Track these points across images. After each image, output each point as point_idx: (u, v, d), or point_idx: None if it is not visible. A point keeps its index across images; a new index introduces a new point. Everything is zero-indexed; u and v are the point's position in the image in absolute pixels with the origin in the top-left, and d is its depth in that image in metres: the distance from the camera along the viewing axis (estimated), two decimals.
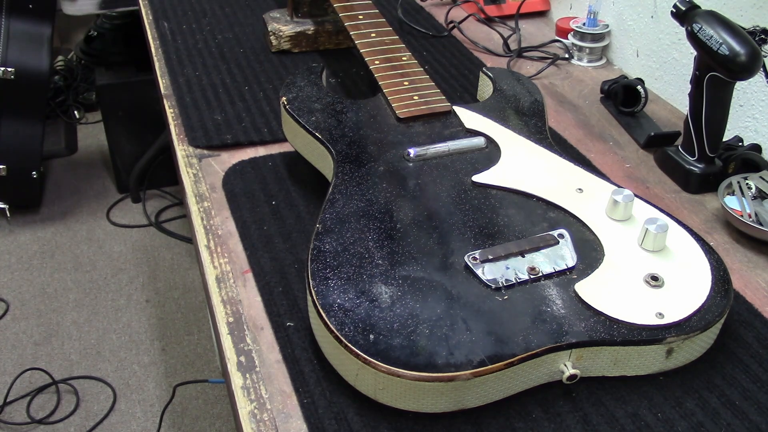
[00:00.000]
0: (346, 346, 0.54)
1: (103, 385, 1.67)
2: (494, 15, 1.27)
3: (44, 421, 1.59)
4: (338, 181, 0.70)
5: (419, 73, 0.85)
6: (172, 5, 1.27)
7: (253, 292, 0.69)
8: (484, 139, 0.77)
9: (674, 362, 0.60)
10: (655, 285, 0.61)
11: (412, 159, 0.74)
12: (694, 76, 0.81)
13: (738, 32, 0.75)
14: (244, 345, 0.63)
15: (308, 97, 0.82)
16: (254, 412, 0.57)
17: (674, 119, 0.99)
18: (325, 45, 1.13)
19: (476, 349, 0.54)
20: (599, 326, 0.57)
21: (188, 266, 2.02)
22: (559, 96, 1.04)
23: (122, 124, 2.15)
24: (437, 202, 0.68)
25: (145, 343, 1.78)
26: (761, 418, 0.57)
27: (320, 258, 0.61)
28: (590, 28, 1.11)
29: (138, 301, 1.91)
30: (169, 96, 1.00)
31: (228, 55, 1.10)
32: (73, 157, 2.45)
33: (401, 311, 0.57)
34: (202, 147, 0.89)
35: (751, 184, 0.79)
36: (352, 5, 0.98)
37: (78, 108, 2.53)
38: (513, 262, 0.62)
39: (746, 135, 0.91)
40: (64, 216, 2.19)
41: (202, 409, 1.63)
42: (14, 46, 1.92)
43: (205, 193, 0.82)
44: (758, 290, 0.70)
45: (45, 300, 1.90)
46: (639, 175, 0.88)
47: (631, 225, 0.67)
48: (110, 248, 2.08)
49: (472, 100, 0.99)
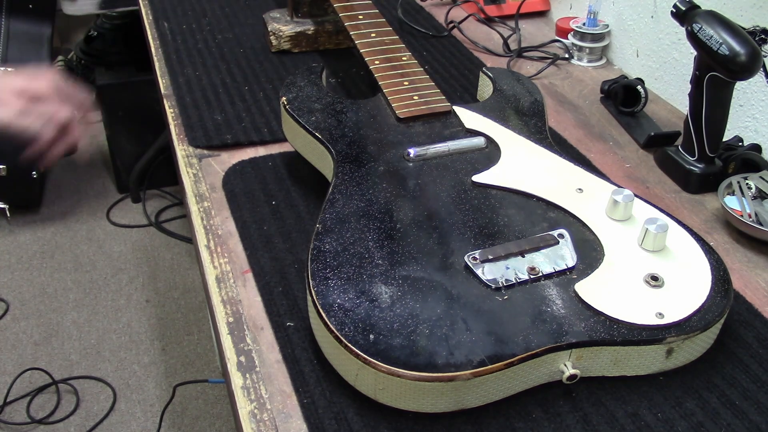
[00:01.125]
0: (346, 346, 0.54)
1: (103, 385, 1.67)
2: (494, 15, 1.27)
3: (44, 421, 1.59)
4: (338, 181, 0.70)
5: (419, 73, 0.85)
6: (172, 5, 1.27)
7: (253, 292, 0.69)
8: (484, 139, 0.77)
9: (674, 362, 0.60)
10: (655, 285, 0.61)
11: (412, 159, 0.74)
12: (694, 76, 0.81)
13: (738, 32, 0.75)
14: (244, 345, 0.63)
15: (308, 97, 0.82)
16: (254, 412, 0.57)
17: (674, 119, 0.99)
18: (325, 45, 1.13)
19: (476, 349, 0.54)
20: (599, 326, 0.57)
21: (188, 266, 2.02)
22: (559, 96, 1.04)
23: (122, 124, 2.15)
24: (437, 202, 0.68)
25: (145, 343, 1.78)
26: (761, 418, 0.57)
27: (320, 258, 0.61)
28: (590, 28, 1.11)
29: (138, 301, 1.91)
30: (169, 96, 1.00)
31: (228, 55, 1.10)
32: (73, 157, 2.45)
33: (401, 311, 0.57)
34: (202, 147, 0.89)
35: (751, 184, 0.79)
36: (352, 5, 0.98)
37: None
38: (513, 262, 0.62)
39: (746, 135, 0.91)
40: (64, 216, 2.19)
41: (202, 409, 1.63)
42: (14, 46, 1.92)
43: (205, 193, 0.82)
44: (758, 290, 0.70)
45: (45, 300, 1.90)
46: (639, 175, 0.88)
47: (631, 225, 0.67)
48: (110, 248, 2.08)
49: (472, 100, 0.99)
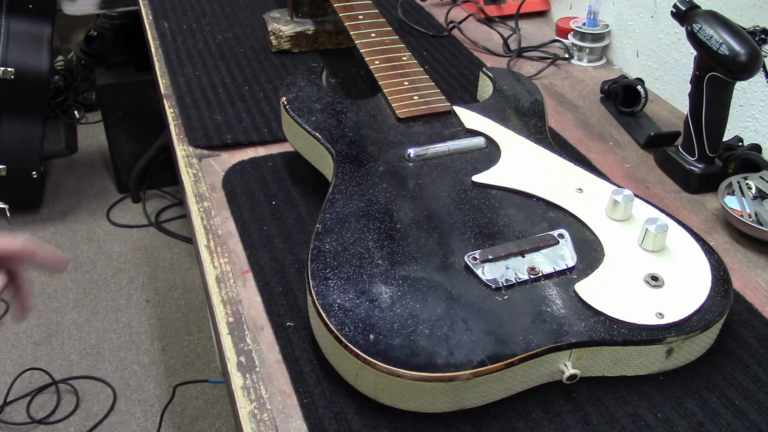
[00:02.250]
0: (346, 346, 0.54)
1: (103, 385, 1.67)
2: (494, 15, 1.27)
3: (44, 421, 1.59)
4: (338, 181, 0.70)
5: (419, 73, 0.85)
6: (172, 5, 1.27)
7: (253, 292, 0.69)
8: (484, 139, 0.77)
9: (674, 362, 0.60)
10: (655, 285, 0.61)
11: (412, 159, 0.74)
12: (694, 76, 0.81)
13: (738, 32, 0.75)
14: (244, 345, 0.63)
15: (308, 97, 0.82)
16: (254, 412, 0.57)
17: (674, 119, 0.99)
18: (325, 45, 1.13)
19: (476, 349, 0.54)
20: (599, 326, 0.57)
21: (188, 266, 2.02)
22: (559, 96, 1.04)
23: (122, 124, 2.15)
24: (437, 202, 0.68)
25: (145, 343, 1.78)
26: (761, 418, 0.57)
27: (320, 258, 0.61)
28: (590, 28, 1.11)
29: (138, 301, 1.91)
30: (169, 96, 1.00)
31: (228, 55, 1.10)
32: (73, 157, 2.45)
33: (401, 311, 0.57)
34: (202, 147, 0.89)
35: (751, 184, 0.79)
36: (352, 5, 0.98)
37: (78, 108, 2.53)
38: (513, 262, 0.62)
39: (746, 135, 0.91)
40: (64, 216, 2.19)
41: (202, 409, 1.63)
42: (14, 46, 1.92)
43: (205, 193, 0.82)
44: (758, 290, 0.70)
45: (45, 300, 1.90)
46: (639, 175, 0.88)
47: (631, 225, 0.67)
48: (110, 248, 2.08)
49: (472, 100, 0.99)
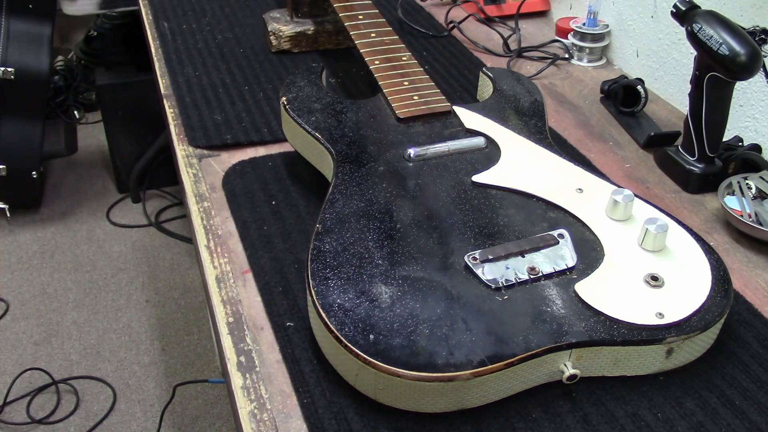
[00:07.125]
0: (346, 346, 0.54)
1: (103, 385, 1.67)
2: (494, 15, 1.27)
3: (44, 421, 1.59)
4: (338, 181, 0.70)
5: (419, 73, 0.85)
6: (172, 5, 1.27)
7: (253, 292, 0.69)
8: (484, 139, 0.77)
9: (674, 362, 0.60)
10: (655, 285, 0.61)
11: (412, 159, 0.74)
12: (694, 76, 0.81)
13: (738, 32, 0.75)
14: (244, 345, 0.63)
15: (308, 97, 0.82)
16: (254, 412, 0.57)
17: (674, 119, 0.99)
18: (325, 45, 1.13)
19: (476, 349, 0.54)
20: (599, 326, 0.57)
21: (188, 266, 2.02)
22: (559, 96, 1.04)
23: (122, 124, 2.15)
24: (437, 202, 0.68)
25: (145, 343, 1.78)
26: (761, 418, 0.57)
27: (320, 258, 0.61)
28: (590, 28, 1.11)
29: (138, 301, 1.91)
30: (169, 96, 1.00)
31: (228, 55, 1.10)
32: (73, 157, 2.45)
33: (401, 311, 0.57)
34: (202, 147, 0.89)
35: (751, 184, 0.79)
36: (352, 5, 0.98)
37: (78, 108, 2.53)
38: (513, 262, 0.62)
39: (746, 135, 0.91)
40: (64, 216, 2.19)
41: (202, 409, 1.63)
42: (14, 46, 1.92)
43: (205, 193, 0.82)
44: (758, 290, 0.70)
45: (45, 300, 1.90)
46: (639, 175, 0.88)
47: (631, 225, 0.67)
48: (110, 248, 2.08)
49: (472, 100, 0.99)
